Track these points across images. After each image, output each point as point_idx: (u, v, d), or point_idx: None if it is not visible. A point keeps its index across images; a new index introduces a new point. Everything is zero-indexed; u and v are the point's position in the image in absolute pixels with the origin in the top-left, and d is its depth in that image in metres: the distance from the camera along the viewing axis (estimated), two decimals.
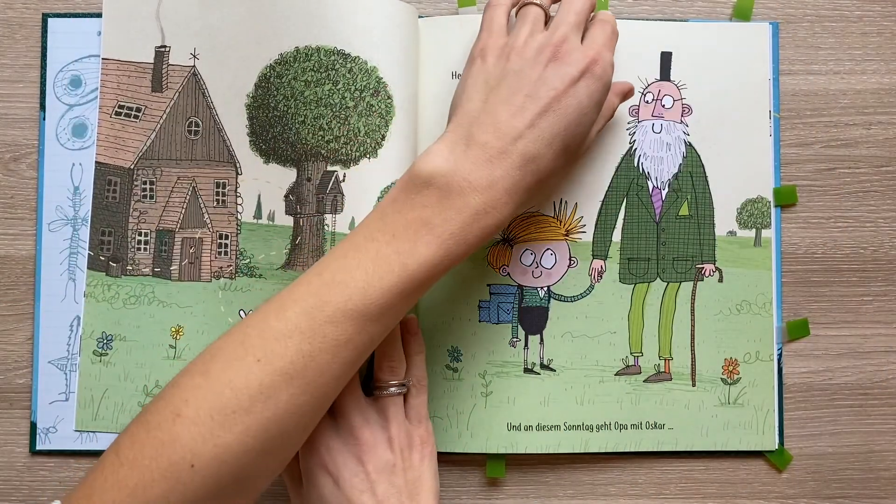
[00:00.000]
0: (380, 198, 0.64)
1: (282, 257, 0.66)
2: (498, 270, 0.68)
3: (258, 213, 0.67)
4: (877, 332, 0.70)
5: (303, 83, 0.64)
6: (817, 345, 0.70)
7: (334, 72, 0.64)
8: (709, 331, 0.69)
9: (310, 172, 0.65)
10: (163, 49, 0.67)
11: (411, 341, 0.64)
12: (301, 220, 0.65)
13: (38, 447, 0.67)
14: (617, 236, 0.69)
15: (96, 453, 0.67)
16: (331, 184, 0.65)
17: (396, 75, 0.65)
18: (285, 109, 0.65)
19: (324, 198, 0.65)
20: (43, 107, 0.68)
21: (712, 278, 0.69)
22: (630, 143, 0.69)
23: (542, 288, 0.68)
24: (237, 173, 0.67)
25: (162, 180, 0.67)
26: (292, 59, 0.65)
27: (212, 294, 0.67)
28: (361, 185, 0.64)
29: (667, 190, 0.69)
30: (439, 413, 0.67)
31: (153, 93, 0.67)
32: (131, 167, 0.67)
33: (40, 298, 0.68)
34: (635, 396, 0.68)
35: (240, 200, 0.67)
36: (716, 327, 0.69)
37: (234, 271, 0.67)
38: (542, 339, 0.68)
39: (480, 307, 0.68)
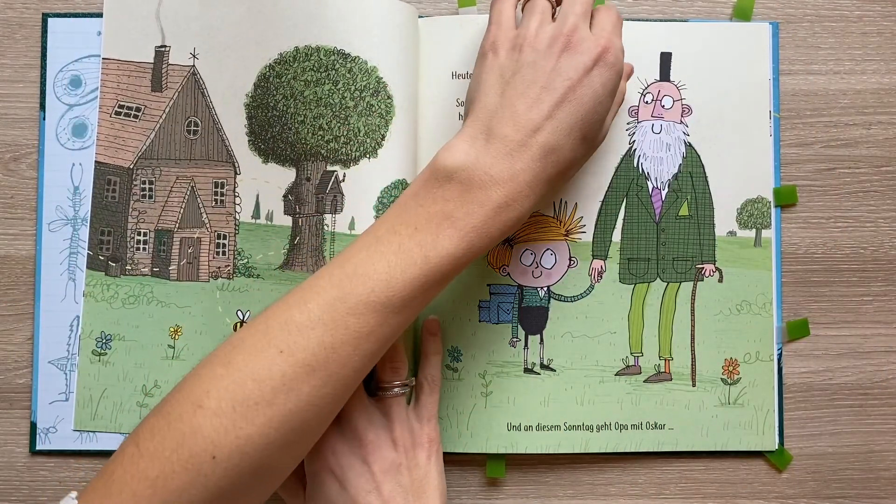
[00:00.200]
0: (380, 198, 0.64)
1: (280, 257, 0.66)
2: (498, 270, 0.68)
3: (256, 213, 0.66)
4: (877, 332, 0.70)
5: (302, 83, 0.64)
6: (817, 345, 0.70)
7: (334, 72, 0.63)
8: (709, 331, 0.68)
9: (309, 172, 0.65)
10: (163, 49, 0.67)
11: (431, 341, 0.65)
12: (300, 220, 0.65)
13: (38, 447, 0.67)
14: (617, 236, 0.68)
15: (96, 453, 0.67)
16: (330, 184, 0.64)
17: (396, 75, 0.64)
18: (285, 109, 0.64)
19: (323, 198, 0.64)
20: (43, 107, 0.68)
21: (712, 278, 0.68)
22: (630, 144, 0.68)
23: (542, 288, 0.68)
24: (236, 173, 0.67)
25: (161, 180, 0.67)
26: (292, 58, 0.64)
27: (210, 294, 0.67)
28: (361, 185, 0.64)
29: (667, 190, 0.68)
30: (440, 413, 0.67)
31: (153, 92, 0.67)
32: (131, 167, 0.67)
33: (40, 298, 0.67)
34: (635, 396, 0.68)
35: (238, 200, 0.67)
36: (716, 327, 0.68)
37: (232, 271, 0.67)
38: (542, 339, 0.68)
39: (480, 307, 0.68)
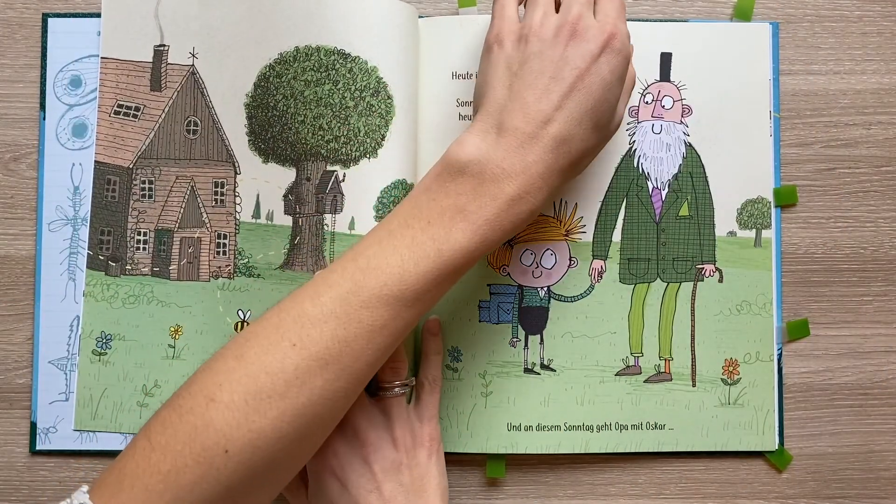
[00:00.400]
0: (379, 198, 0.63)
1: (280, 257, 0.65)
2: (498, 270, 0.67)
3: (257, 213, 0.66)
4: (877, 332, 0.69)
5: (302, 83, 0.63)
6: (817, 345, 0.69)
7: (334, 71, 0.63)
8: (709, 331, 0.68)
9: (309, 172, 0.64)
10: (162, 48, 0.67)
11: (431, 341, 0.65)
12: (300, 220, 0.65)
13: (38, 447, 0.67)
14: (617, 236, 0.68)
15: (96, 453, 0.67)
16: (330, 184, 0.64)
17: (396, 75, 0.64)
18: (285, 109, 0.64)
19: (323, 197, 0.64)
20: (43, 107, 0.67)
21: (712, 279, 0.68)
22: (630, 144, 0.68)
23: (542, 288, 0.67)
24: (236, 173, 0.66)
25: (161, 180, 0.67)
26: (292, 58, 0.64)
27: (210, 294, 0.66)
28: (361, 185, 0.63)
29: (667, 190, 0.68)
30: (440, 413, 0.66)
31: (152, 92, 0.67)
32: (130, 166, 0.67)
33: (40, 298, 0.67)
34: (635, 397, 0.67)
35: (238, 200, 0.66)
36: (716, 327, 0.68)
37: (232, 271, 0.66)
38: (542, 340, 0.67)
39: (480, 307, 0.67)
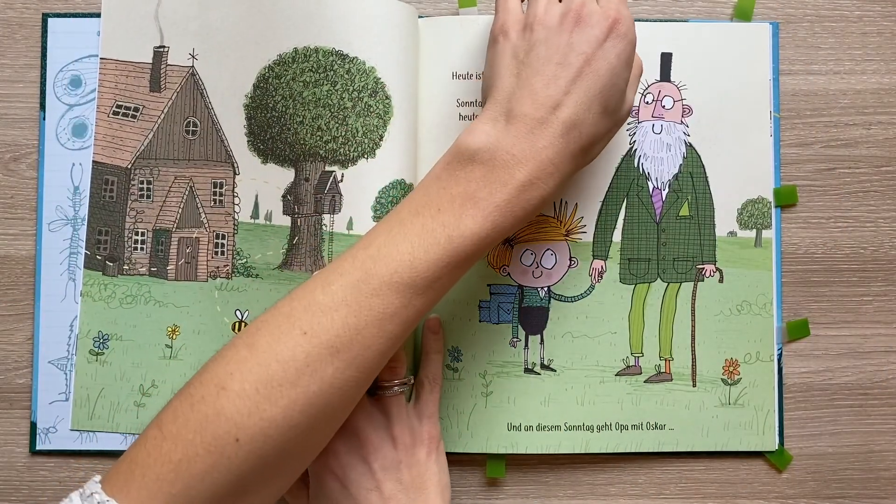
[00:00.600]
0: (378, 198, 0.63)
1: (279, 257, 0.65)
2: (498, 270, 0.67)
3: (255, 213, 0.65)
4: (877, 332, 0.69)
5: (301, 84, 0.63)
6: (817, 345, 0.69)
7: (332, 72, 0.63)
8: (709, 331, 0.67)
9: (308, 172, 0.64)
10: (161, 49, 0.66)
11: (432, 340, 0.65)
12: (299, 220, 0.64)
13: (38, 447, 0.66)
14: (617, 237, 0.67)
15: (96, 453, 0.66)
16: (329, 184, 0.63)
17: (395, 76, 0.64)
18: (283, 110, 0.64)
19: (322, 198, 0.64)
20: (43, 107, 0.67)
21: (713, 279, 0.67)
22: (630, 144, 0.68)
23: (542, 288, 0.67)
24: (235, 173, 0.66)
25: (159, 180, 0.66)
26: (291, 59, 0.63)
27: (208, 294, 0.66)
28: (359, 186, 0.63)
29: (667, 190, 0.67)
30: (440, 413, 0.66)
31: (151, 93, 0.66)
32: (129, 167, 0.66)
33: (40, 298, 0.66)
34: (636, 397, 0.67)
35: (237, 200, 0.66)
36: (716, 328, 0.67)
37: (230, 271, 0.66)
38: (542, 340, 0.67)
39: (481, 307, 0.67)
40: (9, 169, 0.67)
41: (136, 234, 0.66)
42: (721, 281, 0.67)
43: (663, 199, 0.67)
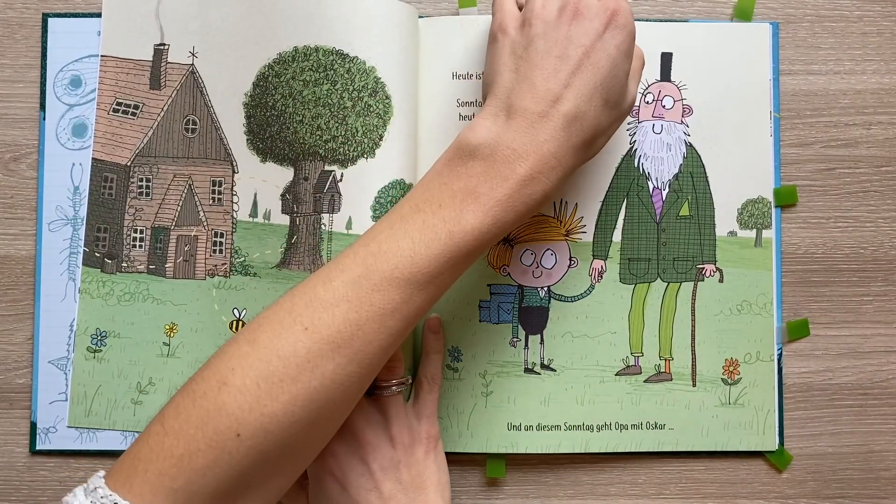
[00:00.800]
0: (377, 198, 0.62)
1: (277, 256, 0.64)
2: (498, 270, 0.66)
3: (254, 212, 0.65)
4: (877, 332, 0.68)
5: (301, 83, 0.63)
6: (817, 345, 0.68)
7: (332, 72, 0.62)
8: (709, 331, 0.67)
9: (307, 172, 0.64)
10: (162, 47, 0.66)
11: (432, 339, 0.64)
12: (297, 220, 0.64)
13: (38, 447, 0.66)
14: (617, 236, 0.67)
15: (96, 453, 0.66)
16: (328, 183, 0.63)
17: (395, 75, 0.63)
18: (283, 109, 0.63)
19: (321, 197, 0.63)
20: (43, 107, 0.66)
21: (713, 278, 0.67)
22: (630, 144, 0.67)
23: (542, 288, 0.67)
24: (234, 171, 0.66)
25: (158, 178, 0.66)
26: (291, 58, 0.63)
27: (206, 292, 0.66)
28: (359, 185, 0.63)
29: (667, 190, 0.67)
30: (440, 413, 0.66)
31: (151, 90, 0.66)
32: (128, 164, 0.66)
33: (40, 298, 0.66)
34: (636, 396, 0.66)
35: (236, 199, 0.65)
36: (716, 327, 0.67)
37: (228, 269, 0.65)
38: (542, 339, 0.66)
39: (481, 307, 0.66)
40: (9, 169, 0.66)
41: (135, 231, 0.66)
42: (721, 281, 0.67)
43: (663, 198, 0.67)
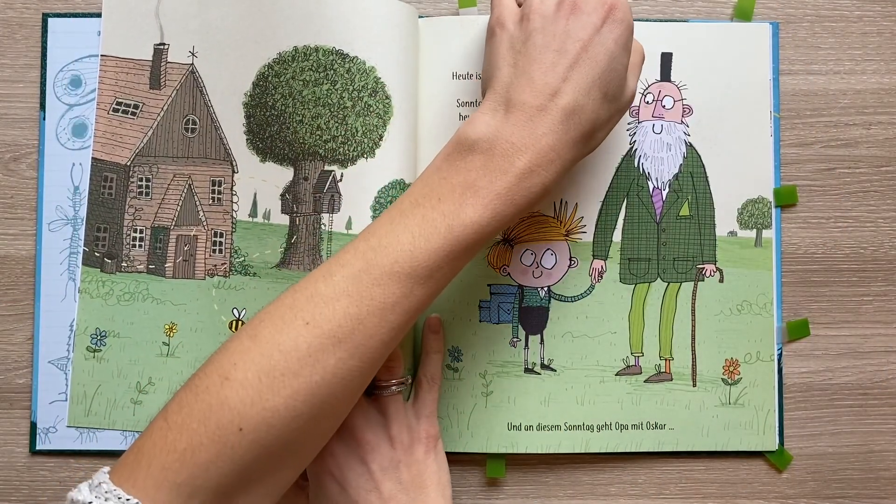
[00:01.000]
0: (377, 198, 0.62)
1: (277, 256, 0.64)
2: (498, 270, 0.66)
3: (254, 212, 0.65)
4: (877, 332, 0.68)
5: (301, 83, 0.62)
6: (817, 345, 0.68)
7: (332, 72, 0.62)
8: (709, 331, 0.66)
9: (307, 171, 0.63)
10: (161, 46, 0.65)
11: (432, 339, 0.64)
12: (297, 219, 0.63)
13: (38, 447, 0.65)
14: (617, 236, 0.66)
15: (97, 453, 0.65)
16: (328, 183, 0.63)
17: (395, 75, 0.63)
18: (283, 108, 0.63)
19: (321, 197, 0.63)
20: (43, 107, 0.66)
21: (713, 278, 0.66)
22: (630, 144, 0.67)
23: (542, 288, 0.66)
24: (233, 171, 0.65)
25: (158, 177, 0.66)
26: (291, 58, 0.63)
27: (206, 292, 0.65)
28: (359, 185, 0.62)
29: (667, 190, 0.66)
30: (440, 413, 0.65)
31: (151, 90, 0.66)
32: (128, 164, 0.65)
33: (40, 298, 0.65)
34: (636, 396, 0.66)
35: (235, 199, 0.65)
36: (716, 327, 0.66)
37: (228, 269, 0.65)
38: (542, 339, 0.66)
39: (481, 307, 0.66)
40: (9, 169, 0.66)
41: (135, 231, 0.65)
42: (721, 281, 0.66)
43: (663, 198, 0.66)
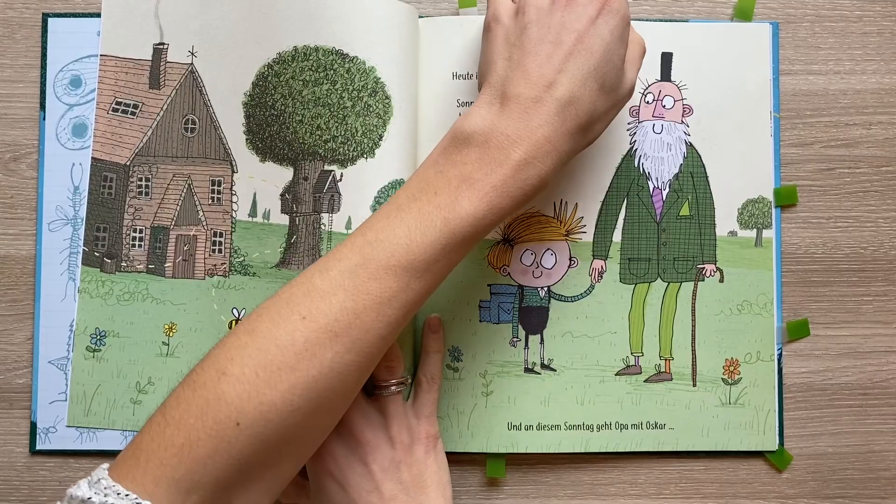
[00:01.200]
0: (376, 198, 0.62)
1: (276, 256, 0.63)
2: (498, 270, 0.65)
3: (253, 212, 0.64)
4: (877, 332, 0.68)
5: (301, 82, 0.62)
6: (817, 345, 0.67)
7: (332, 72, 0.62)
8: (709, 331, 0.66)
9: (307, 171, 0.63)
10: (161, 46, 0.65)
11: (432, 339, 0.64)
12: (297, 219, 0.63)
13: (38, 447, 0.65)
14: (617, 236, 0.66)
15: (96, 453, 0.65)
16: (328, 183, 0.62)
17: (395, 75, 0.62)
18: (283, 108, 0.62)
19: (320, 197, 0.62)
20: (43, 107, 0.66)
21: (713, 278, 0.66)
22: (630, 144, 0.66)
23: (542, 288, 0.66)
24: (233, 171, 0.65)
25: (158, 177, 0.65)
26: (290, 58, 0.62)
27: (205, 292, 0.65)
28: (358, 185, 0.62)
29: (667, 190, 0.66)
30: (440, 412, 0.65)
31: (151, 90, 0.65)
32: (127, 163, 0.65)
33: (40, 298, 0.65)
34: (636, 396, 0.66)
35: (235, 198, 0.65)
36: (716, 327, 0.66)
37: (227, 269, 0.65)
38: (542, 339, 0.66)
39: (481, 307, 0.66)
40: (9, 169, 0.66)
41: (134, 231, 0.65)
42: (721, 281, 0.66)
43: (664, 198, 0.66)
